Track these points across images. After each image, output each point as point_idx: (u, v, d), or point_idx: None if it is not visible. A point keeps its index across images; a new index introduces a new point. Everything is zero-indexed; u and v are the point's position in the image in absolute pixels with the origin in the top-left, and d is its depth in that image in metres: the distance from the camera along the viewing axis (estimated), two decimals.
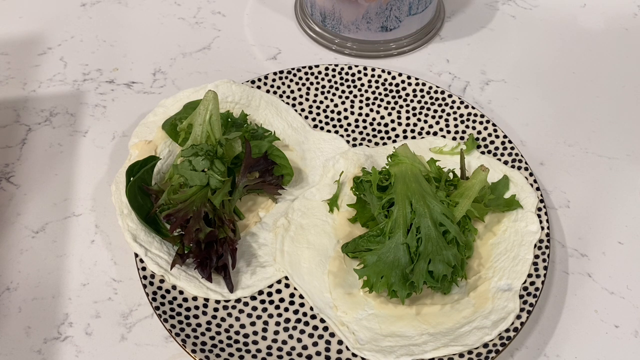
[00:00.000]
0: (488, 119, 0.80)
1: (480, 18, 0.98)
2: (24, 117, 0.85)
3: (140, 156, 0.75)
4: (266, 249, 0.72)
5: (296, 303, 0.69)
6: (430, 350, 0.63)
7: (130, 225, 0.70)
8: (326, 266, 0.71)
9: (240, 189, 0.72)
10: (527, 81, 0.90)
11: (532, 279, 0.68)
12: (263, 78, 0.84)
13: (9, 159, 0.81)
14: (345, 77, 0.85)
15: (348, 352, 0.65)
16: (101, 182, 0.79)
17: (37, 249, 0.74)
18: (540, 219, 0.72)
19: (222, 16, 0.98)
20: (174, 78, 0.90)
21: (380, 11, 0.87)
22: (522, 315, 0.65)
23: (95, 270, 0.72)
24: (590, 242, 0.75)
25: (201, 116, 0.73)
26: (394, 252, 0.66)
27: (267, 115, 0.82)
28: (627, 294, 0.71)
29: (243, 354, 0.65)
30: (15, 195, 0.78)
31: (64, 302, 0.70)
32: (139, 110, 0.85)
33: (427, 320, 0.67)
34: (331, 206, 0.75)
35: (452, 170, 0.74)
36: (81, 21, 0.97)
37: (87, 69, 0.91)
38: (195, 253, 0.68)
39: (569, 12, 0.99)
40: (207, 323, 0.67)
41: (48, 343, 0.68)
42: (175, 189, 0.71)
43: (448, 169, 0.74)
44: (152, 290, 0.67)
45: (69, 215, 0.77)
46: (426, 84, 0.84)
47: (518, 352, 0.67)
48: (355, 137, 0.81)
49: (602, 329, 0.69)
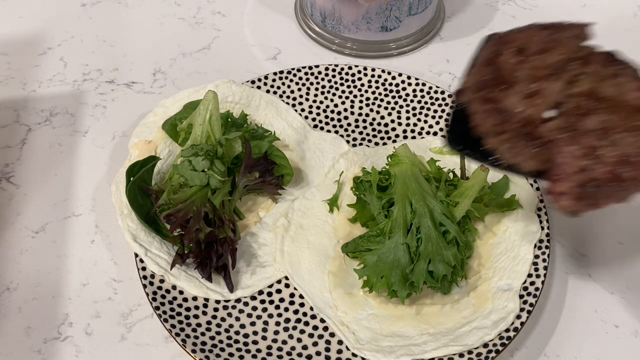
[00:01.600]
0: None
1: (480, 18, 0.98)
2: (24, 117, 0.85)
3: (140, 156, 0.75)
4: (266, 249, 0.72)
5: (296, 303, 0.69)
6: (430, 350, 0.63)
7: (130, 225, 0.70)
8: (326, 266, 0.71)
9: (240, 189, 0.72)
10: None
11: (532, 279, 0.68)
12: (263, 78, 0.84)
13: (9, 159, 0.81)
14: (345, 77, 0.85)
15: (348, 352, 0.65)
16: (101, 182, 0.79)
17: (37, 249, 0.74)
18: (540, 219, 0.72)
19: (222, 16, 0.98)
20: (174, 78, 0.90)
21: (380, 11, 0.87)
22: (522, 315, 0.65)
23: (95, 270, 0.72)
24: (590, 242, 0.75)
25: (201, 116, 0.73)
26: (394, 252, 0.66)
27: (267, 115, 0.82)
28: (627, 294, 0.71)
29: (243, 354, 0.65)
30: (15, 195, 0.78)
31: (64, 302, 0.70)
32: (139, 110, 0.85)
33: (427, 320, 0.67)
34: (331, 206, 0.75)
35: (452, 170, 0.74)
36: (81, 21, 0.97)
37: (87, 69, 0.91)
38: (195, 253, 0.68)
39: (569, 12, 0.99)
40: (207, 323, 0.67)
41: (48, 343, 0.68)
42: (175, 189, 0.71)
43: (448, 169, 0.74)
44: (152, 290, 0.67)
45: (69, 215, 0.77)
46: (426, 84, 0.84)
47: (518, 352, 0.67)
48: (355, 137, 0.81)
49: (602, 329, 0.69)
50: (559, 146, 0.51)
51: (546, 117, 0.53)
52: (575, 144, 0.51)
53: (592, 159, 0.50)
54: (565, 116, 0.52)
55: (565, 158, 0.51)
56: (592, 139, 0.51)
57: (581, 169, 0.50)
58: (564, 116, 0.52)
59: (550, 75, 0.53)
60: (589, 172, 0.50)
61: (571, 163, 0.51)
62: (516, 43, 0.56)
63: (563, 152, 0.51)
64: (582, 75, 0.54)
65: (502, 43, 0.57)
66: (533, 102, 0.53)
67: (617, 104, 0.52)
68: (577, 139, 0.51)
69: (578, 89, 0.53)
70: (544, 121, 0.53)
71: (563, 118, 0.52)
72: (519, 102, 0.53)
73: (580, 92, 0.53)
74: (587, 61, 0.55)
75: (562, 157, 0.51)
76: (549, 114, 0.53)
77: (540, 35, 0.56)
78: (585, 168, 0.50)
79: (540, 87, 0.53)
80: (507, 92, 0.54)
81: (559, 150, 0.51)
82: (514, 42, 0.56)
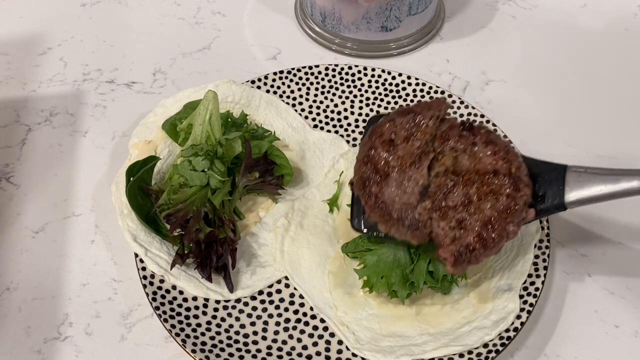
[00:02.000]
0: (488, 119, 0.80)
1: (480, 18, 0.98)
2: (24, 117, 0.85)
3: (140, 156, 0.75)
4: (266, 249, 0.72)
5: (296, 303, 0.69)
6: (430, 350, 0.63)
7: (130, 225, 0.70)
8: (326, 266, 0.71)
9: (240, 189, 0.72)
10: (527, 81, 0.90)
11: (532, 279, 0.68)
12: (263, 78, 0.84)
13: (9, 159, 0.81)
14: (345, 77, 0.85)
15: (348, 352, 0.65)
16: (101, 182, 0.79)
17: (37, 249, 0.74)
18: (540, 219, 0.72)
19: (222, 16, 0.98)
20: (174, 78, 0.90)
21: (380, 11, 0.87)
22: (522, 315, 0.65)
23: (95, 270, 0.72)
24: (590, 242, 0.75)
25: (201, 116, 0.73)
26: (394, 252, 0.66)
27: (267, 115, 0.82)
28: (627, 294, 0.71)
29: (243, 354, 0.65)
30: (15, 195, 0.78)
31: (64, 302, 0.70)
32: (139, 110, 0.85)
33: (427, 320, 0.67)
34: (331, 206, 0.75)
35: None
36: (81, 21, 0.97)
37: (87, 69, 0.91)
38: (195, 253, 0.68)
39: (569, 12, 0.99)
40: (207, 323, 0.67)
41: (48, 343, 0.68)
42: (175, 189, 0.71)
43: None
44: (152, 290, 0.67)
45: (69, 215, 0.77)
46: (426, 84, 0.84)
47: (518, 352, 0.67)
48: (355, 137, 0.81)
49: (602, 329, 0.69)
50: (435, 221, 0.60)
51: (419, 199, 0.61)
52: (445, 220, 0.60)
53: (461, 229, 0.59)
54: (433, 196, 0.61)
55: (440, 231, 0.60)
56: (458, 212, 0.60)
57: (454, 239, 0.59)
58: (432, 196, 0.61)
59: (415, 162, 0.62)
60: (461, 240, 0.59)
61: (446, 235, 0.60)
62: (385, 136, 0.63)
63: (439, 227, 0.60)
64: (442, 153, 0.62)
65: (376, 136, 0.64)
66: (405, 190, 0.62)
67: (475, 173, 0.61)
68: (446, 215, 0.60)
69: (441, 168, 0.61)
70: (419, 202, 0.61)
71: (432, 198, 0.61)
72: (395, 191, 0.62)
73: (444, 170, 0.61)
74: (445, 138, 0.62)
75: (438, 231, 0.60)
76: (420, 197, 0.61)
77: (403, 123, 0.63)
78: (457, 237, 0.59)
79: (408, 175, 0.62)
80: (384, 184, 0.62)
81: (437, 225, 0.60)
82: (383, 134, 0.63)
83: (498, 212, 0.59)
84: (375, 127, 0.64)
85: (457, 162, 0.61)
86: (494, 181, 0.60)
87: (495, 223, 0.59)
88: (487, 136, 0.63)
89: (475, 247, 0.59)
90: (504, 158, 0.61)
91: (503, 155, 0.61)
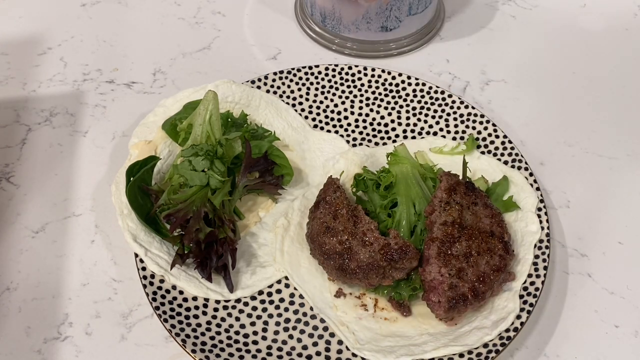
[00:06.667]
0: (488, 119, 0.80)
1: (480, 18, 0.98)
2: (24, 117, 0.85)
3: (140, 156, 0.75)
4: (266, 249, 0.72)
5: (296, 303, 0.69)
6: (430, 350, 0.63)
7: (130, 225, 0.70)
8: None
9: (240, 189, 0.72)
10: (527, 81, 0.90)
11: (532, 279, 0.68)
12: (263, 78, 0.84)
13: (9, 159, 0.81)
14: (345, 77, 0.85)
15: (348, 352, 0.65)
16: (101, 182, 0.79)
17: (37, 249, 0.74)
18: (540, 219, 0.72)
19: (222, 16, 0.98)
20: (174, 78, 0.90)
21: (380, 11, 0.87)
22: (522, 315, 0.65)
23: (95, 270, 0.72)
24: (590, 242, 0.75)
25: (201, 116, 0.73)
26: None
27: (267, 115, 0.82)
28: (627, 294, 0.71)
29: (243, 354, 0.65)
30: (15, 195, 0.78)
31: (64, 302, 0.70)
32: (139, 110, 0.85)
33: (427, 320, 0.67)
34: None
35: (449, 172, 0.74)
36: (81, 21, 0.97)
37: (87, 69, 0.91)
38: (195, 253, 0.68)
39: (569, 12, 0.99)
40: (207, 323, 0.67)
41: (48, 343, 0.68)
42: (175, 189, 0.71)
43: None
44: (152, 290, 0.67)
45: (69, 215, 0.77)
46: (426, 84, 0.84)
47: (518, 352, 0.67)
48: (355, 137, 0.81)
49: (602, 329, 0.69)
50: (435, 266, 0.65)
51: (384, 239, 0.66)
52: (447, 267, 0.64)
53: (459, 278, 0.64)
54: (440, 243, 0.65)
55: (439, 276, 0.64)
56: (459, 262, 0.64)
57: (451, 286, 0.63)
58: (439, 242, 0.66)
59: (355, 220, 0.67)
60: (457, 289, 0.63)
61: (443, 281, 0.64)
62: (321, 228, 0.68)
63: (438, 272, 0.64)
64: (449, 204, 0.67)
65: (318, 235, 0.68)
66: (371, 242, 0.66)
67: (476, 229, 0.67)
68: (449, 262, 0.64)
69: (449, 218, 0.66)
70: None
71: (438, 243, 0.65)
72: (364, 250, 0.66)
73: (452, 221, 0.66)
74: (453, 190, 0.68)
75: (436, 276, 0.64)
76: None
77: (323, 212, 0.69)
78: (454, 285, 0.63)
79: (361, 232, 0.67)
80: (354, 256, 0.66)
81: (437, 270, 0.64)
82: (321, 229, 0.68)
83: (491, 269, 0.65)
84: (312, 233, 0.69)
85: (462, 217, 0.67)
86: (491, 241, 0.66)
87: (487, 278, 0.64)
88: (485, 199, 0.69)
89: (468, 297, 0.63)
90: (498, 224, 0.67)
91: (498, 222, 0.68)
